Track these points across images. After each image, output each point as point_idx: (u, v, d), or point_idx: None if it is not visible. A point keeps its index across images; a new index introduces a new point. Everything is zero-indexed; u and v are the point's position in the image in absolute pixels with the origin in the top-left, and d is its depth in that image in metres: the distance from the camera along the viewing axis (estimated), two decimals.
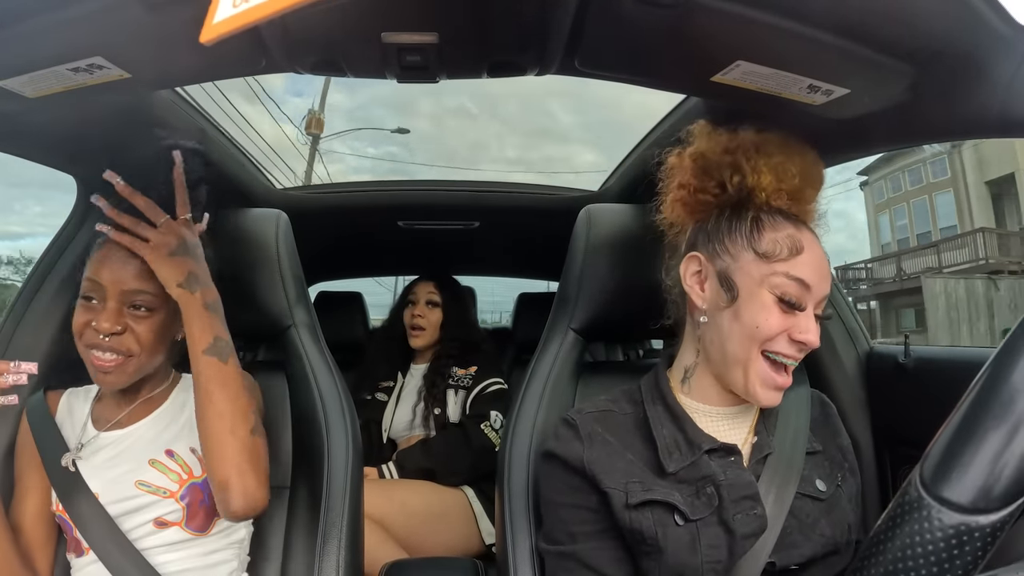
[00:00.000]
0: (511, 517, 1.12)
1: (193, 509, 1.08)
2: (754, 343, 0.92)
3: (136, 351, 1.06)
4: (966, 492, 0.56)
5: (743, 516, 0.89)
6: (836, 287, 1.51)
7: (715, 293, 0.97)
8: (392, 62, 0.93)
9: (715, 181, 0.99)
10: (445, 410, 2.21)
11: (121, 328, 1.05)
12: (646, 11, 0.80)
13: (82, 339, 1.07)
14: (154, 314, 1.08)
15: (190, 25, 0.74)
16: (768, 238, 0.94)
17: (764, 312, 0.92)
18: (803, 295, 0.92)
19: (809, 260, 0.93)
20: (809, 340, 0.91)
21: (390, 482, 2.02)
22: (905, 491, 0.61)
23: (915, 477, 0.61)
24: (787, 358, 0.93)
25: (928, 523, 0.58)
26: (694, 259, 0.99)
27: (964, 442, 0.57)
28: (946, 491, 0.57)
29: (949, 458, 0.58)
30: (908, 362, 1.32)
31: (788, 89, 0.94)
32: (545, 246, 2.13)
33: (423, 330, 2.37)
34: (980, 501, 0.56)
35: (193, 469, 1.10)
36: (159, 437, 1.12)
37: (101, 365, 1.05)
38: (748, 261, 0.94)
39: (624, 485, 0.92)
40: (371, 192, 2.42)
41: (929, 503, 0.58)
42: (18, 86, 0.92)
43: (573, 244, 1.29)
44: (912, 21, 0.78)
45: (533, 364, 1.27)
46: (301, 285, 1.42)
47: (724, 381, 0.98)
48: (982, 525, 0.56)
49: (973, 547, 0.56)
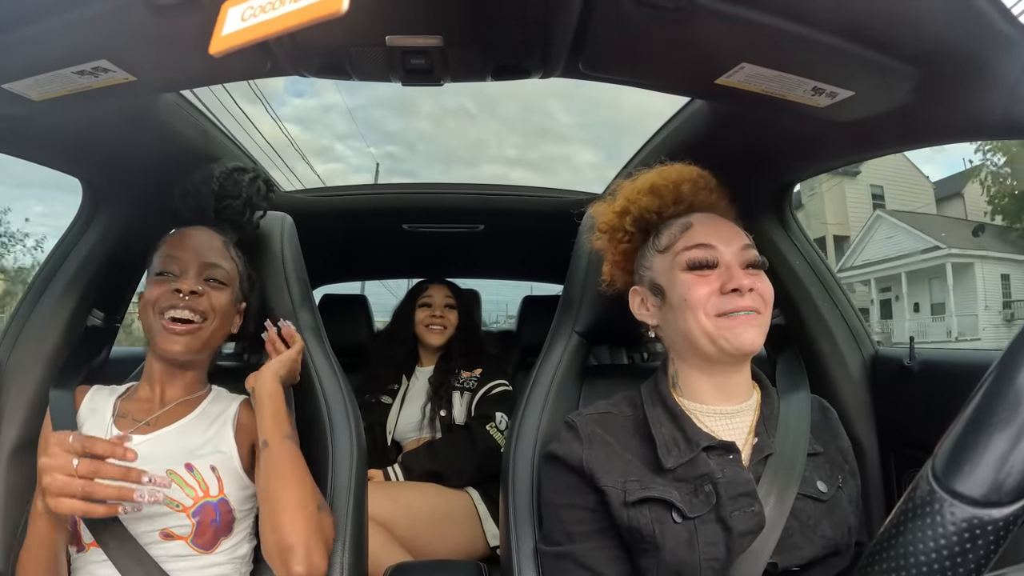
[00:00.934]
0: (515, 519, 1.12)
1: (203, 527, 1.08)
2: (695, 313, 0.98)
3: (210, 316, 1.16)
4: (978, 485, 0.56)
5: (740, 513, 0.89)
6: (841, 289, 1.51)
7: (654, 303, 1.08)
8: (396, 66, 0.93)
9: (621, 232, 1.12)
10: (451, 412, 2.21)
11: (201, 290, 1.15)
12: (650, 14, 0.80)
13: (156, 306, 1.14)
14: (226, 289, 1.21)
15: (195, 29, 0.74)
16: (664, 235, 1.06)
17: (685, 286, 1.00)
18: (709, 253, 1.00)
19: (702, 228, 1.03)
20: (740, 285, 0.97)
21: (395, 484, 2.02)
22: (916, 485, 0.60)
23: (927, 471, 0.60)
24: (738, 311, 0.97)
25: (940, 517, 0.57)
26: (635, 293, 1.11)
27: (976, 435, 0.57)
28: (958, 484, 0.57)
29: (961, 451, 0.58)
30: (913, 365, 1.31)
31: (792, 91, 0.93)
32: (550, 249, 2.13)
33: (443, 328, 2.38)
34: (993, 494, 0.55)
35: (210, 488, 1.10)
36: (182, 448, 1.12)
37: (175, 328, 1.13)
38: (659, 261, 1.06)
39: (622, 484, 0.94)
40: (376, 195, 2.43)
41: (941, 496, 0.57)
42: (24, 89, 0.92)
43: (578, 247, 1.29)
44: (917, 23, 0.78)
45: (537, 367, 1.27)
46: (306, 287, 1.42)
47: (706, 365, 1.02)
48: (995, 519, 0.55)
49: (985, 541, 0.55)
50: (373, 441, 2.25)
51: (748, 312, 0.97)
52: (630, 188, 1.12)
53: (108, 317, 1.46)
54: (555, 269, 1.86)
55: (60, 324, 1.34)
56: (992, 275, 19.78)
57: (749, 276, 0.99)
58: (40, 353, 1.31)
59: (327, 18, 0.57)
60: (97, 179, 1.37)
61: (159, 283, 1.15)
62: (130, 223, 1.43)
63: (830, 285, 1.49)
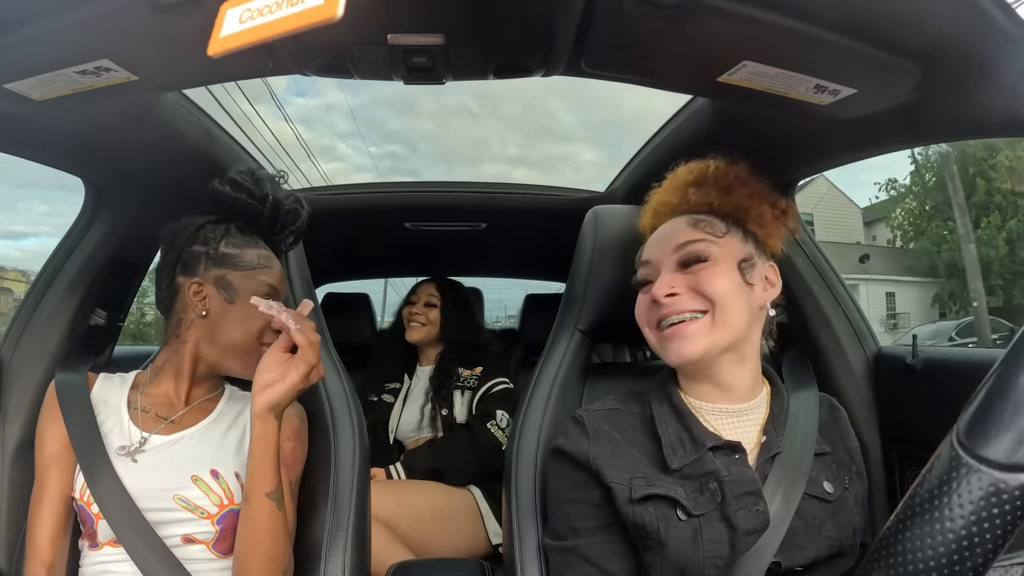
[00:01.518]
0: (518, 517, 1.12)
1: (226, 533, 1.08)
2: (644, 329, 1.03)
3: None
4: (1003, 450, 0.55)
5: (745, 512, 0.89)
6: (843, 286, 1.51)
7: None
8: (398, 64, 0.93)
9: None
10: (452, 411, 2.22)
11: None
12: (652, 11, 0.79)
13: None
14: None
15: (196, 28, 0.74)
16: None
17: (638, 307, 1.05)
18: (648, 270, 1.04)
19: (650, 244, 1.07)
20: (656, 293, 0.98)
21: (397, 483, 2.02)
22: (939, 454, 0.60)
23: (950, 437, 0.60)
24: (666, 320, 0.98)
25: (966, 482, 0.57)
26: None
27: (1002, 400, 0.56)
28: (983, 448, 0.56)
29: (986, 416, 0.57)
30: (916, 362, 1.31)
31: (795, 89, 0.93)
32: (552, 247, 2.13)
33: (420, 325, 2.38)
34: (1021, 458, 0.55)
35: (235, 495, 1.09)
36: (206, 452, 1.12)
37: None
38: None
39: (628, 480, 0.94)
40: (378, 193, 2.42)
41: (967, 461, 0.57)
42: (26, 89, 0.92)
43: (580, 245, 1.29)
44: (919, 20, 0.78)
45: (540, 365, 1.27)
46: (308, 286, 1.42)
47: (688, 372, 1.03)
48: (1020, 483, 0.55)
49: (1011, 507, 0.55)
50: (376, 440, 2.26)
51: (681, 318, 0.96)
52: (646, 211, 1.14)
53: (111, 316, 1.46)
54: (558, 267, 1.86)
55: (63, 323, 1.34)
56: (877, 294, 23.77)
57: (678, 278, 0.98)
58: (43, 352, 1.31)
59: (323, 23, 0.57)
60: (99, 179, 1.37)
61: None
62: (133, 222, 1.43)
63: (832, 282, 1.49)
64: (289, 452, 1.14)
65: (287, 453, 1.13)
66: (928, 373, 1.29)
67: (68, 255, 1.39)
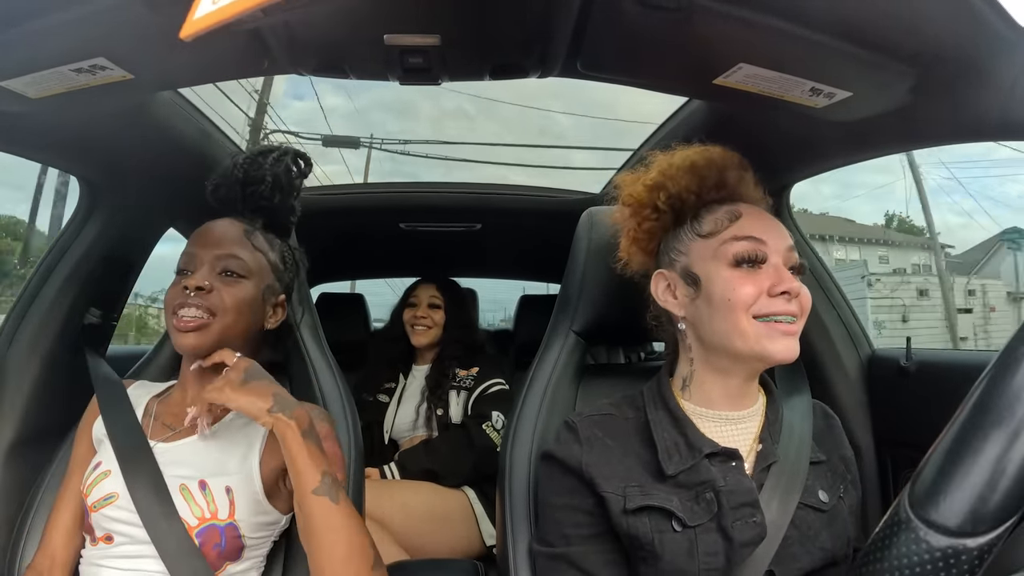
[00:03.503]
0: (512, 519, 1.11)
1: (205, 549, 1.02)
2: (736, 313, 0.91)
3: (220, 312, 1.07)
4: (953, 515, 0.56)
5: (742, 523, 0.88)
6: (838, 289, 1.51)
7: (685, 293, 0.98)
8: (394, 64, 0.93)
9: (649, 208, 1.01)
10: (447, 411, 2.21)
11: (207, 286, 1.07)
12: (648, 14, 0.80)
13: (169, 305, 1.08)
14: (245, 281, 1.12)
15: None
16: (708, 220, 0.97)
17: (730, 283, 0.92)
18: (758, 248, 0.93)
19: (751, 220, 0.95)
20: (791, 288, 0.90)
21: (391, 483, 2.02)
22: (895, 511, 0.61)
23: (904, 498, 0.61)
24: (780, 315, 0.91)
25: (916, 545, 0.57)
26: (659, 276, 1.02)
27: (952, 465, 0.57)
28: (933, 514, 0.57)
29: (937, 481, 0.58)
30: (910, 365, 1.31)
31: (790, 92, 0.94)
32: (547, 248, 2.13)
33: (427, 328, 2.36)
34: (967, 524, 0.56)
35: (219, 510, 1.04)
36: (200, 460, 1.08)
37: (181, 326, 1.05)
38: (698, 247, 0.97)
39: (622, 490, 0.92)
40: (373, 194, 2.42)
41: (917, 525, 0.58)
42: (21, 87, 0.92)
43: (575, 246, 1.28)
44: (914, 24, 0.78)
45: (534, 366, 1.27)
46: (303, 286, 1.42)
47: (733, 368, 0.96)
48: (969, 548, 0.55)
49: (960, 570, 0.56)
50: (370, 440, 2.25)
51: (791, 319, 0.92)
52: (666, 162, 1.01)
53: (105, 315, 1.46)
54: (553, 268, 1.86)
55: (57, 322, 1.34)
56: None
57: (795, 280, 0.92)
58: (37, 351, 1.30)
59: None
60: (95, 177, 1.37)
61: (175, 281, 1.10)
62: (128, 221, 1.43)
63: (827, 285, 1.49)
64: (329, 453, 1.09)
65: (328, 454, 1.07)
66: (921, 376, 1.30)
67: (63, 253, 1.38)
